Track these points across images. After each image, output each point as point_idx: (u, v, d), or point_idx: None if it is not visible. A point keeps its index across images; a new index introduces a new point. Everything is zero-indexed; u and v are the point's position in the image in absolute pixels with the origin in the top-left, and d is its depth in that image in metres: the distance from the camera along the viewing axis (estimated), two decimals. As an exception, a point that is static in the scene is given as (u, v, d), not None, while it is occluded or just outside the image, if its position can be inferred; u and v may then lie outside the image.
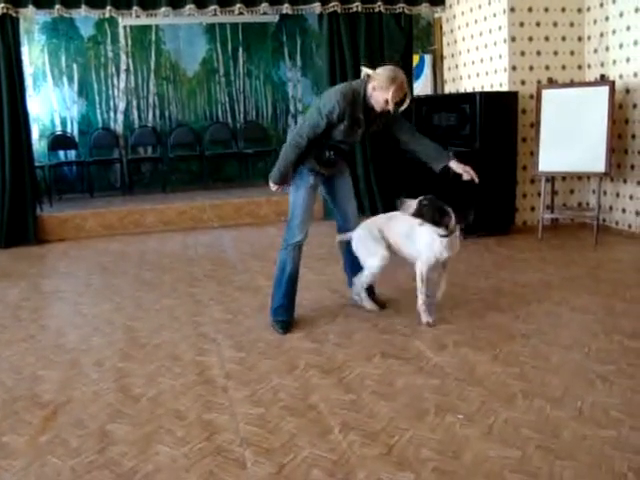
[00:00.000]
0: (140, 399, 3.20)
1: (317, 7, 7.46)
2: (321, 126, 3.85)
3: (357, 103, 3.84)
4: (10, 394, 3.31)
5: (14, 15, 6.88)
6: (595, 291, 4.63)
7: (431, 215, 3.91)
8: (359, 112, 3.85)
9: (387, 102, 3.79)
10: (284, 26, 9.69)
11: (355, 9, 7.54)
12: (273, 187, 4.10)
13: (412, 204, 3.92)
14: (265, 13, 7.49)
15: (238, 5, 7.21)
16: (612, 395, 3.01)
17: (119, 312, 4.65)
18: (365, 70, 3.89)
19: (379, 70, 3.83)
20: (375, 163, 7.88)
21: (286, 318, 4.13)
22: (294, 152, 3.93)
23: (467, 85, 7.67)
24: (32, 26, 8.86)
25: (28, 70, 8.68)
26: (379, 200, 7.91)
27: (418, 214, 3.91)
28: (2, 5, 6.72)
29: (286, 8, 7.40)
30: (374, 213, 7.80)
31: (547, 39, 6.69)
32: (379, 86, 3.77)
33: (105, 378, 3.47)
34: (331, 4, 7.46)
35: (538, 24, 6.64)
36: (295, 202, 4.11)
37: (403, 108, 3.90)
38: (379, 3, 7.58)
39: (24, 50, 8.21)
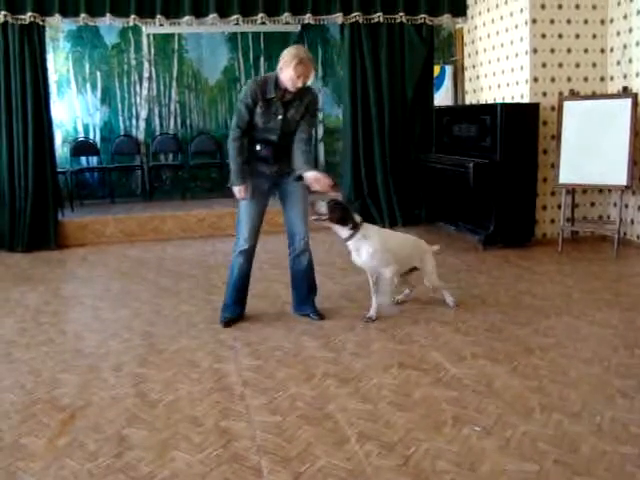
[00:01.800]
0: (157, 405, 3.21)
1: (339, 17, 7.50)
2: (242, 112, 4.14)
3: (268, 85, 4.08)
4: (29, 397, 3.34)
5: (41, 23, 6.99)
6: (615, 305, 4.59)
7: (339, 215, 4.21)
8: (271, 93, 4.08)
9: (293, 78, 3.98)
10: (306, 36, 9.72)
11: (377, 19, 7.57)
12: (237, 192, 4.28)
13: (322, 204, 4.21)
14: (287, 23, 7.55)
15: (260, 14, 7.27)
16: (632, 410, 2.97)
17: (138, 318, 4.68)
18: None
19: (284, 51, 4.06)
20: (394, 175, 7.88)
21: (229, 315, 4.46)
22: (233, 147, 4.24)
23: (488, 96, 7.65)
24: (57, 34, 8.98)
25: (52, 77, 8.78)
26: (398, 211, 7.91)
27: (329, 214, 4.21)
28: (29, 14, 6.83)
29: (308, 18, 7.44)
30: (393, 225, 7.84)
31: (569, 51, 6.66)
32: (284, 64, 3.99)
33: (123, 383, 3.50)
34: (353, 14, 7.49)
35: (560, 36, 6.62)
36: (240, 208, 4.40)
37: (308, 82, 4.09)
38: (401, 14, 7.60)
39: (49, 57, 8.31)
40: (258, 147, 4.25)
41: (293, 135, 4.25)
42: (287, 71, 3.97)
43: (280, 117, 4.14)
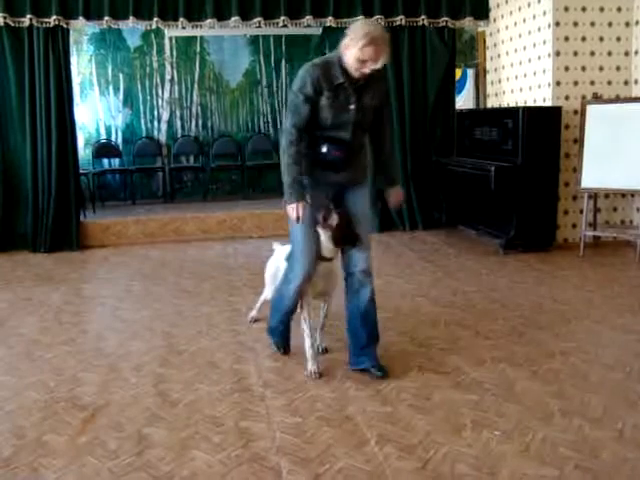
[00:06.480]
0: (177, 404, 3.23)
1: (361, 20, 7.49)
2: (300, 107, 3.24)
3: (333, 68, 3.24)
4: (51, 395, 3.38)
5: (65, 26, 7.07)
6: (637, 310, 4.54)
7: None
8: (339, 78, 3.23)
9: (360, 61, 3.13)
10: (327, 39, 9.72)
11: (398, 22, 7.56)
12: (290, 211, 3.38)
13: (335, 217, 3.38)
14: (309, 25, 7.57)
15: (282, 17, 7.29)
16: (654, 416, 2.95)
17: (158, 318, 4.70)
18: None
19: (352, 25, 3.23)
20: (415, 178, 7.86)
21: (286, 342, 3.88)
22: (289, 154, 3.28)
23: (510, 100, 7.61)
24: (81, 37, 9.09)
25: (76, 79, 8.87)
26: (418, 215, 7.89)
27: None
28: (54, 17, 6.90)
29: (330, 21, 7.45)
30: (414, 229, 7.82)
31: (592, 54, 6.61)
32: (350, 42, 3.14)
33: (143, 383, 3.52)
34: (374, 17, 7.48)
35: (584, 39, 6.57)
36: (295, 232, 3.51)
37: (378, 66, 3.18)
38: (422, 17, 7.59)
39: (73, 60, 8.40)
40: (325, 149, 3.32)
41: (366, 133, 3.48)
42: (351, 52, 3.13)
43: (353, 107, 3.28)
